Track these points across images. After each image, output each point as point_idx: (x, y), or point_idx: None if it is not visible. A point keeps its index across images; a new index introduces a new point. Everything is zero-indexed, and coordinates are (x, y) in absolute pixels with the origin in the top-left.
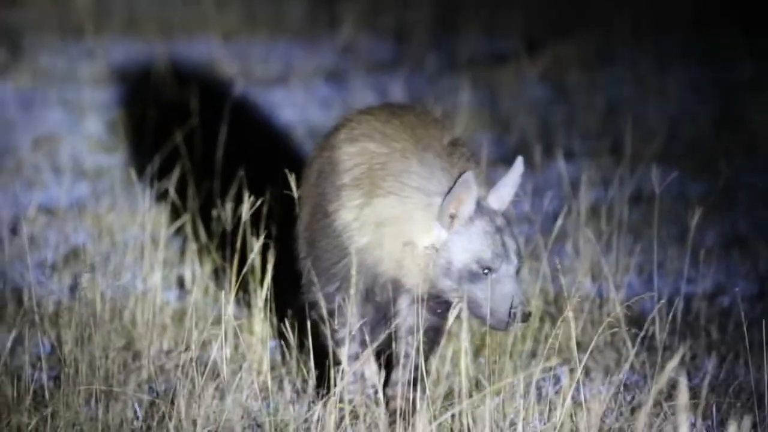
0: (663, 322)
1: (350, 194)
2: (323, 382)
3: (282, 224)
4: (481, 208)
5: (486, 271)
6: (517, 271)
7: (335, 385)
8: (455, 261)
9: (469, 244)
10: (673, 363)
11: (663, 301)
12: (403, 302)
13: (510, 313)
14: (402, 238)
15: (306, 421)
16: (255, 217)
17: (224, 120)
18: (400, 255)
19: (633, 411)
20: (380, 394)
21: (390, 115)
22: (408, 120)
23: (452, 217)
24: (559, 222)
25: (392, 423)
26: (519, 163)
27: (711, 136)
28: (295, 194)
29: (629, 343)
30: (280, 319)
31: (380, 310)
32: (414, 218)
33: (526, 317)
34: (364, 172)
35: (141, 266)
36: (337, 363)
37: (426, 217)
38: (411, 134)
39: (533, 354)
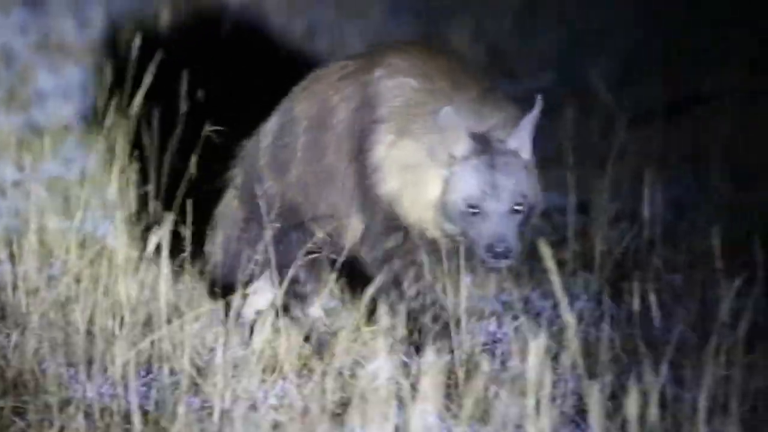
0: None
1: (386, 128)
2: None
3: None
4: (484, 146)
5: (474, 210)
6: (514, 212)
7: None
8: (449, 201)
9: (459, 183)
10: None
11: None
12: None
13: (489, 249)
14: (421, 185)
15: (3, 348)
16: None
17: None
18: (421, 205)
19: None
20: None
21: (428, 54)
22: (446, 61)
23: (452, 156)
24: None
25: None
26: (538, 103)
27: None
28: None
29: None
30: None
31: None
32: (435, 156)
33: (504, 254)
34: (401, 108)
35: None
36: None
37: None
38: (451, 72)
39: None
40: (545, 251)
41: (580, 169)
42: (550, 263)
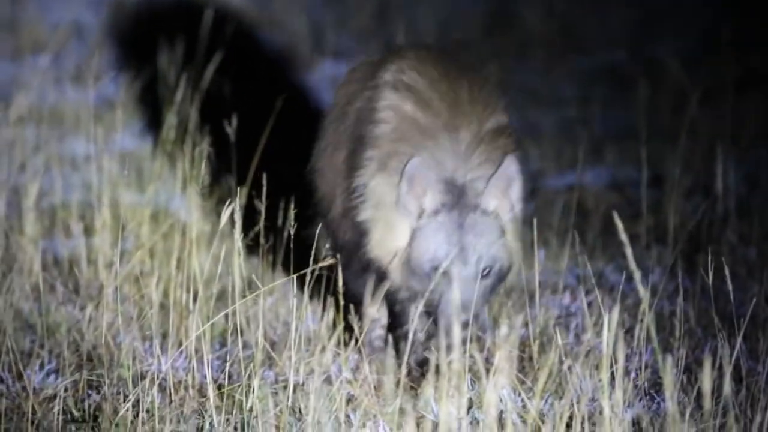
0: None
1: (371, 155)
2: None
3: None
4: (456, 201)
5: (440, 272)
6: (483, 277)
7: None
8: (413, 257)
9: (425, 241)
10: None
11: None
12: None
13: (449, 320)
14: (390, 230)
15: (78, 322)
16: None
17: None
18: (388, 250)
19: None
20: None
21: (441, 73)
22: (457, 87)
23: (422, 208)
24: None
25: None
26: (508, 162)
27: (483, 36)
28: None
29: None
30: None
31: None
32: (406, 206)
33: (463, 325)
34: (389, 134)
35: None
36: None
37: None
38: (452, 105)
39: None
40: (619, 225)
41: (653, 144)
42: (623, 236)
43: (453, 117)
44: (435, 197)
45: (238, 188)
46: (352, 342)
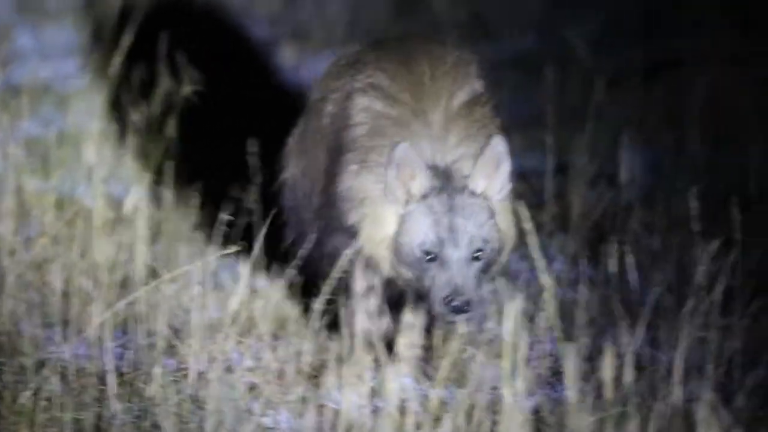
0: None
1: (351, 158)
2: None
3: None
4: (444, 184)
5: (430, 256)
6: (474, 259)
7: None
8: (403, 243)
9: (414, 225)
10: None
11: None
12: None
13: (446, 302)
14: (378, 222)
15: None
16: None
17: None
18: (376, 242)
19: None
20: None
21: (401, 63)
22: (419, 71)
23: (409, 193)
24: None
25: None
26: (495, 142)
27: (391, 21)
28: None
29: None
30: None
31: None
32: (392, 193)
33: (459, 309)
34: (365, 136)
35: None
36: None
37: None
38: (416, 92)
39: (210, 241)
40: (523, 213)
41: (559, 131)
42: (527, 225)
43: (418, 102)
44: (423, 182)
45: (142, 174)
46: (254, 330)
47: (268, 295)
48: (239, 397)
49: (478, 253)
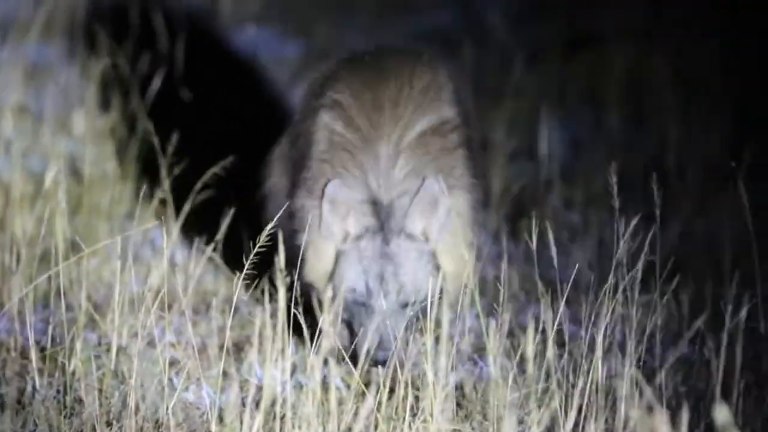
0: None
1: (308, 176)
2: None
3: None
4: (379, 224)
5: (359, 303)
6: (404, 307)
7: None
8: (336, 285)
9: (344, 271)
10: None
11: None
12: None
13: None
14: (318, 252)
15: None
16: None
17: None
18: (315, 273)
19: None
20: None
21: (367, 83)
22: (382, 94)
23: (346, 231)
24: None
25: None
26: (429, 182)
27: None
28: None
29: None
30: None
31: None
32: (329, 230)
33: (380, 361)
34: (321, 155)
35: None
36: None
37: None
38: (373, 117)
39: (130, 216)
40: (443, 189)
41: (477, 107)
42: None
43: (372, 129)
44: (358, 220)
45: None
46: (176, 305)
47: (188, 270)
48: (161, 371)
49: (408, 303)
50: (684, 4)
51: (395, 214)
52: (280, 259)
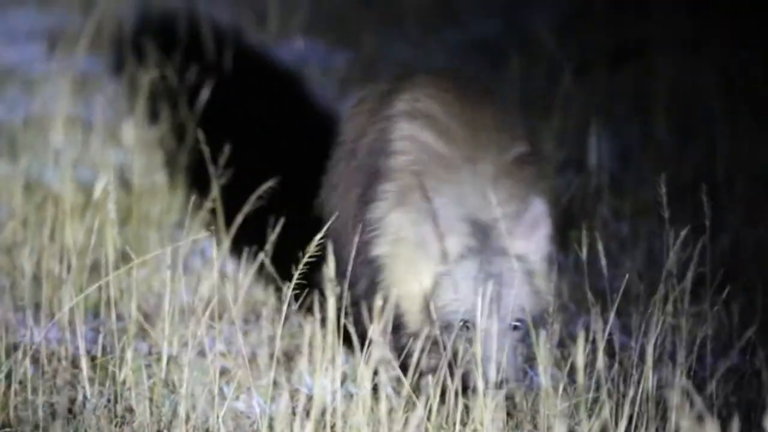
0: None
1: (390, 186)
2: None
3: None
4: (483, 244)
5: (465, 325)
6: (513, 328)
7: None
8: (436, 306)
9: (450, 291)
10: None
11: None
12: None
13: (472, 378)
14: (411, 272)
15: None
16: None
17: None
18: (407, 294)
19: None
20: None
21: (459, 98)
22: (477, 113)
23: (445, 252)
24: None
25: None
26: (536, 204)
27: (357, 7)
28: None
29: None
30: None
31: None
32: (426, 247)
33: (497, 385)
34: (408, 166)
35: None
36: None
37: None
38: (471, 137)
39: (180, 226)
40: (492, 200)
41: (525, 118)
42: (496, 212)
43: (474, 148)
44: (459, 240)
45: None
46: (226, 315)
47: (238, 280)
48: (211, 381)
49: (517, 323)
50: (730, 13)
51: (493, 235)
52: (329, 269)
